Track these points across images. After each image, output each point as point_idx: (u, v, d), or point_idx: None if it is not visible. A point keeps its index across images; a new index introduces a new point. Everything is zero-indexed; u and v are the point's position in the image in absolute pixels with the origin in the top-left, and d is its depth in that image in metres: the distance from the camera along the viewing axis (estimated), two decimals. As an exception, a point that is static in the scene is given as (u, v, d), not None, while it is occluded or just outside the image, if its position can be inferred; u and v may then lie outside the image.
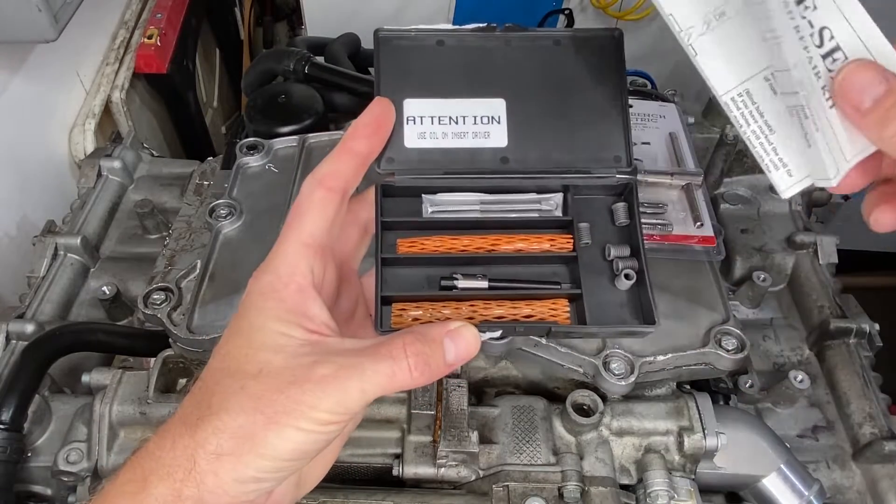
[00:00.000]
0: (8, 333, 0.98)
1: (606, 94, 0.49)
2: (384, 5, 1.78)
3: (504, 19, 0.51)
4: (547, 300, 0.47)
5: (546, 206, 0.50)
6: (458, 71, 0.49)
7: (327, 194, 0.43)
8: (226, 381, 0.39)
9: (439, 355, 0.41)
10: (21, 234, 1.27)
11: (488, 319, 0.46)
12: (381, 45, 0.49)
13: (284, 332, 0.40)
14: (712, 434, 0.78)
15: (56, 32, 1.08)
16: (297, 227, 0.43)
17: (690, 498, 0.77)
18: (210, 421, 0.38)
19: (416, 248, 0.49)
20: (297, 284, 0.41)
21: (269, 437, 0.37)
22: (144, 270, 1.07)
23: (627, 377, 0.75)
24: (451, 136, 0.48)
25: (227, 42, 2.14)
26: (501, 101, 0.49)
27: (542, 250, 0.49)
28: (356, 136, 0.45)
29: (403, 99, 0.48)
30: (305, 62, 1.25)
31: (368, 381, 0.38)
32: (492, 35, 0.50)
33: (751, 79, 0.40)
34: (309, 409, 0.37)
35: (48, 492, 0.86)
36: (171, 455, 0.38)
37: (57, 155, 1.39)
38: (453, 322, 0.42)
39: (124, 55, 1.56)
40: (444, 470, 0.77)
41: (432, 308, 0.46)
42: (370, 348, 0.40)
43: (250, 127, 1.15)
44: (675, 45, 0.44)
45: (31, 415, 0.83)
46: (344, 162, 0.44)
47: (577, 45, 0.49)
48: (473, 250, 0.48)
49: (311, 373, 0.38)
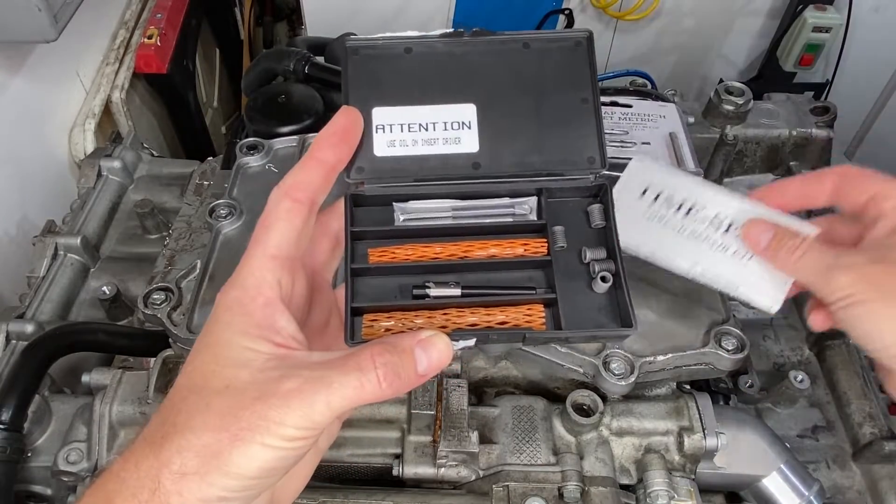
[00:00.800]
0: (8, 333, 0.98)
1: (578, 96, 0.49)
2: (384, 5, 1.78)
3: (504, 19, 0.51)
4: (522, 306, 0.46)
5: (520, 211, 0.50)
6: (427, 78, 0.48)
7: (294, 205, 0.42)
8: (191, 398, 0.38)
9: (410, 366, 0.40)
10: (21, 234, 1.27)
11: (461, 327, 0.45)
12: (349, 54, 0.48)
13: (251, 346, 0.39)
14: (712, 434, 0.78)
15: (56, 32, 1.08)
16: (264, 239, 0.41)
17: (690, 498, 0.77)
18: (174, 439, 0.37)
19: (387, 258, 0.48)
20: (265, 298, 0.40)
21: (234, 455, 0.36)
22: (144, 270, 1.07)
23: (627, 377, 0.75)
24: (422, 142, 0.47)
25: (227, 42, 2.14)
26: (472, 106, 0.48)
27: (515, 255, 0.48)
28: (322, 145, 0.44)
29: (372, 107, 0.47)
30: (305, 62, 1.25)
31: (335, 394, 0.37)
32: (460, 40, 0.49)
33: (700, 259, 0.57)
34: (275, 426, 0.36)
35: (48, 492, 0.86)
36: (135, 476, 0.37)
37: (57, 155, 1.39)
38: (424, 331, 0.41)
39: (124, 55, 1.56)
40: (444, 470, 0.77)
41: (404, 318, 0.45)
42: (338, 360, 0.39)
43: (250, 127, 1.15)
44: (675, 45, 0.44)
45: (31, 415, 0.83)
46: (310, 172, 0.43)
47: (547, 48, 0.49)
48: (446, 257, 0.48)
49: (277, 387, 0.37)
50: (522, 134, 0.48)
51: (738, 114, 1.11)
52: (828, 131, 1.14)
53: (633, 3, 1.78)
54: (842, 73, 1.88)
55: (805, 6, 1.77)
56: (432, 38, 0.49)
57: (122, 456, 0.38)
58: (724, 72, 2.00)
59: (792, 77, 1.93)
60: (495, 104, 0.48)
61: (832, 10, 1.77)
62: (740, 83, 1.14)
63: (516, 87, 0.49)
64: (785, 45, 1.84)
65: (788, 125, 1.14)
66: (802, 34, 1.78)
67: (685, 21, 1.89)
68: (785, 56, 1.85)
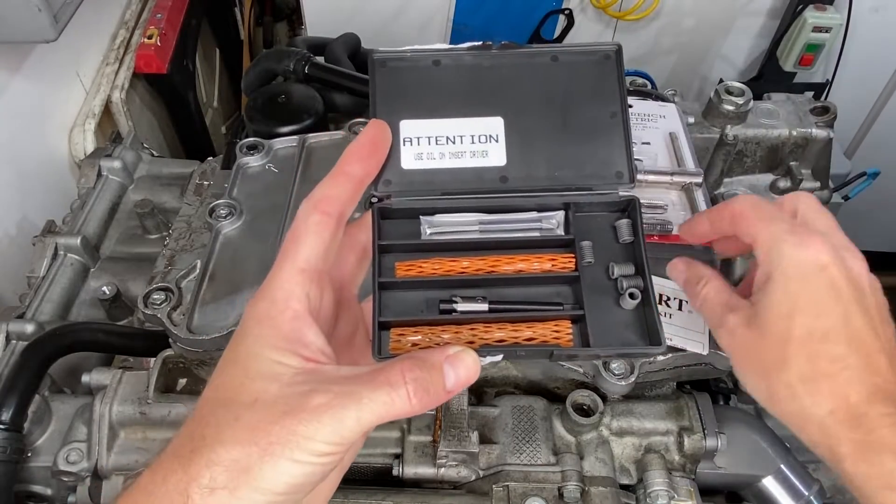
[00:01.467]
0: (8, 333, 0.98)
1: (606, 110, 0.48)
2: (384, 5, 1.78)
3: (503, 19, 0.51)
4: (549, 322, 0.46)
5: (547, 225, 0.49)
6: (455, 90, 0.48)
7: (323, 218, 0.42)
8: (220, 412, 0.38)
9: (439, 381, 0.39)
10: (21, 234, 1.27)
11: (489, 343, 0.45)
12: (376, 67, 0.48)
13: (280, 360, 0.39)
14: (712, 434, 0.78)
15: (56, 32, 1.08)
16: (293, 252, 0.41)
17: (690, 498, 0.77)
18: (203, 453, 0.37)
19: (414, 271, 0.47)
20: (293, 311, 0.40)
21: (265, 470, 0.36)
22: (144, 270, 1.07)
23: (627, 377, 0.75)
24: (449, 156, 0.47)
25: (227, 42, 2.14)
26: (499, 120, 0.48)
27: (543, 270, 0.47)
28: (351, 159, 0.44)
29: (399, 120, 0.47)
30: (305, 62, 1.25)
31: (365, 410, 0.37)
32: (488, 53, 0.48)
33: None
34: (304, 440, 0.36)
35: (48, 492, 0.86)
36: (163, 489, 0.36)
37: (57, 155, 1.39)
38: (453, 347, 0.41)
39: (124, 55, 1.56)
40: (444, 470, 0.77)
41: (431, 332, 0.45)
42: (367, 375, 0.38)
43: (250, 127, 1.15)
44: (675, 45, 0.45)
45: (31, 415, 0.83)
46: (339, 186, 0.43)
47: (576, 61, 0.49)
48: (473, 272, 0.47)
49: (306, 402, 0.37)
50: (550, 148, 0.48)
51: (738, 114, 1.11)
52: (828, 131, 1.14)
53: (633, 3, 1.78)
54: (842, 73, 1.88)
55: (805, 6, 1.77)
56: (460, 51, 0.48)
57: (150, 469, 0.38)
58: (724, 72, 2.00)
59: (792, 77, 1.92)
60: (523, 117, 0.48)
61: (832, 10, 1.77)
62: (740, 83, 1.13)
63: (544, 100, 0.48)
64: (785, 45, 1.84)
65: (788, 125, 1.14)
66: (802, 34, 1.77)
67: (685, 21, 1.89)
68: (785, 56, 1.85)
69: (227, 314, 0.82)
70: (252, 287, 0.84)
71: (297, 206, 0.93)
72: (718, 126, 1.13)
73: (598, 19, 1.88)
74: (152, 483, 0.37)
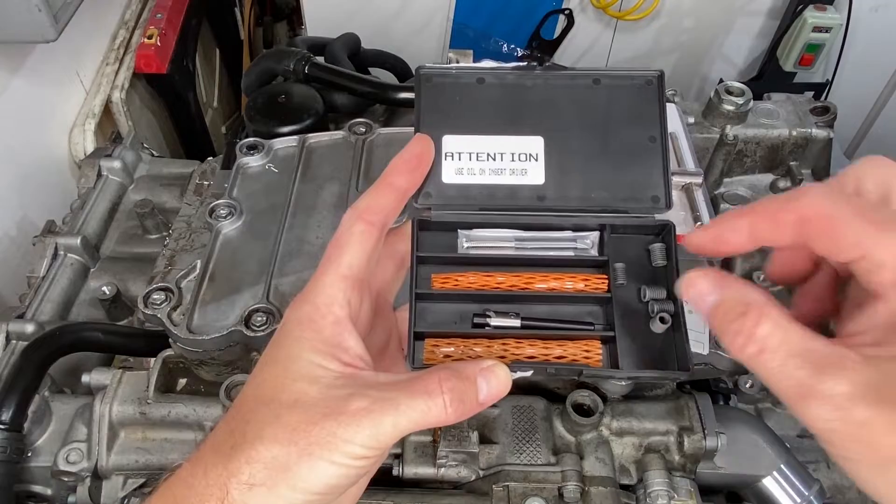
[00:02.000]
0: (8, 333, 0.98)
1: (646, 134, 0.49)
2: (384, 5, 1.78)
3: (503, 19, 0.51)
4: (580, 341, 0.47)
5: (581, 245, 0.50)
6: (497, 108, 0.49)
7: (367, 228, 0.43)
8: (261, 410, 0.39)
9: (473, 393, 0.40)
10: (21, 234, 1.27)
11: (519, 359, 0.45)
12: (422, 82, 0.49)
13: (320, 363, 0.40)
14: (712, 434, 0.78)
15: (56, 32, 1.08)
16: (337, 259, 0.42)
17: (690, 498, 0.77)
18: (244, 450, 0.38)
19: (450, 284, 0.48)
20: (335, 316, 0.41)
21: (303, 470, 0.37)
22: (144, 270, 1.07)
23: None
24: (489, 172, 0.48)
25: (227, 42, 2.14)
26: (539, 139, 0.49)
27: (576, 290, 0.48)
28: (397, 171, 0.45)
29: (442, 135, 0.48)
30: (305, 62, 1.25)
31: (403, 416, 0.38)
32: (531, 74, 0.50)
33: None
34: (343, 443, 0.37)
35: (48, 492, 0.86)
36: (203, 483, 0.38)
37: (57, 155, 1.39)
38: (486, 360, 0.42)
39: (124, 55, 1.56)
40: (444, 470, 0.77)
41: (464, 345, 0.46)
42: (405, 383, 0.40)
43: (250, 127, 1.15)
44: (675, 45, 0.45)
45: (31, 415, 0.83)
46: (384, 196, 0.44)
47: (617, 84, 0.49)
48: (507, 288, 0.48)
49: (346, 406, 0.38)
50: (588, 169, 0.49)
51: (738, 114, 1.11)
52: (828, 131, 1.14)
53: (633, 3, 1.78)
54: (842, 73, 1.88)
55: (805, 6, 1.77)
56: (504, 70, 0.50)
57: (190, 462, 0.39)
58: (724, 72, 2.00)
59: (792, 77, 1.92)
60: (563, 138, 0.49)
61: (832, 10, 1.77)
62: (740, 83, 1.14)
63: (584, 122, 0.49)
64: (785, 45, 1.84)
65: (788, 125, 1.14)
66: (802, 34, 1.77)
67: (685, 21, 1.89)
68: (785, 56, 1.85)
69: (227, 314, 0.82)
70: (252, 287, 0.84)
71: (297, 205, 0.93)
72: (718, 126, 1.13)
73: (599, 19, 1.88)
74: (192, 476, 0.38)
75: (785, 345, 0.34)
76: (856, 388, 0.32)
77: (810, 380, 0.33)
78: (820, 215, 0.35)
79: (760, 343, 0.35)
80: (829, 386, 0.32)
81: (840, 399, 0.32)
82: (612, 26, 1.90)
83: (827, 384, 0.32)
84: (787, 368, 0.34)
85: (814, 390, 0.33)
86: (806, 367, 0.33)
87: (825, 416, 0.33)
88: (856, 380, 0.32)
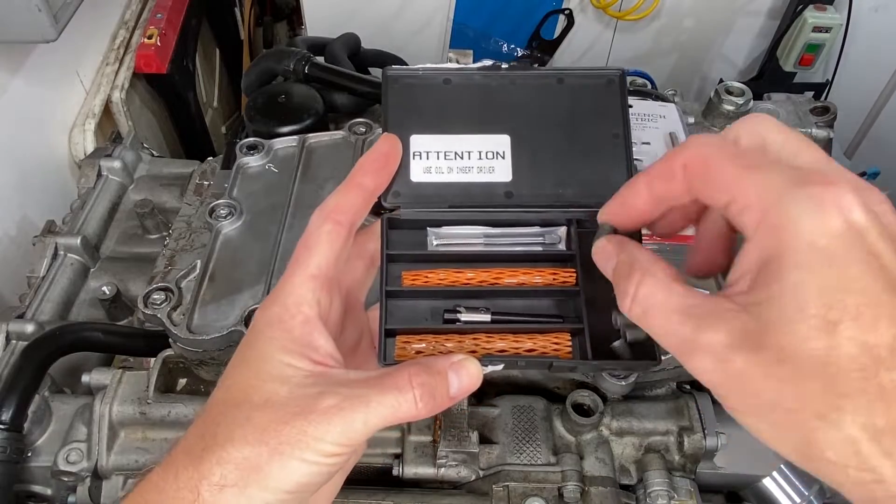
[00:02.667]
0: (8, 333, 0.98)
1: (609, 131, 0.50)
2: (384, 5, 1.78)
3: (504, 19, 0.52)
4: (549, 334, 0.47)
5: (549, 240, 0.51)
6: (464, 108, 0.50)
7: (335, 227, 0.43)
8: (231, 412, 0.39)
9: (444, 387, 0.41)
10: (21, 234, 1.27)
11: (490, 353, 0.46)
12: (390, 83, 0.50)
13: (290, 362, 0.40)
14: (712, 434, 0.78)
15: (56, 32, 1.08)
16: (305, 260, 0.42)
17: (690, 498, 0.77)
18: (214, 452, 0.38)
19: (420, 281, 0.49)
20: (304, 316, 0.41)
21: (274, 469, 0.37)
22: (144, 270, 1.07)
23: (627, 377, 0.75)
24: (457, 170, 0.49)
25: (227, 42, 2.14)
26: (506, 138, 0.49)
27: (545, 284, 0.49)
28: (364, 170, 0.45)
29: (410, 135, 0.49)
30: (305, 62, 1.25)
31: (373, 413, 0.38)
32: (497, 73, 0.50)
33: None
34: (314, 441, 0.37)
35: (48, 492, 0.86)
36: (174, 486, 0.38)
37: (57, 155, 1.39)
38: (457, 355, 0.42)
39: (124, 55, 1.56)
40: (444, 470, 0.77)
41: (435, 341, 0.46)
42: (375, 379, 0.40)
43: (250, 127, 1.15)
44: (675, 45, 0.45)
45: (31, 415, 0.83)
46: (352, 196, 0.44)
47: (580, 84, 0.50)
48: (477, 283, 0.49)
49: (316, 404, 0.38)
50: (554, 166, 0.50)
51: (738, 114, 1.11)
52: (828, 131, 1.14)
53: (633, 3, 1.78)
54: (842, 73, 1.88)
55: (805, 6, 1.77)
56: (470, 71, 0.50)
57: (160, 466, 0.39)
58: (724, 72, 2.00)
59: (792, 77, 1.92)
60: (529, 136, 0.50)
61: (832, 10, 1.77)
62: (740, 83, 1.14)
63: (550, 120, 0.50)
64: (785, 45, 1.84)
65: (788, 125, 1.14)
66: (802, 34, 1.77)
67: (685, 21, 1.89)
68: (785, 56, 1.85)
69: (227, 314, 0.82)
70: (252, 287, 0.84)
71: (297, 205, 0.93)
72: (718, 126, 1.13)
73: (599, 19, 1.88)
74: (163, 480, 0.38)
75: (666, 303, 0.35)
76: (733, 337, 0.32)
77: (692, 334, 0.33)
78: (697, 158, 0.36)
79: (643, 303, 0.36)
80: (707, 337, 0.33)
81: (718, 349, 0.32)
82: (612, 26, 1.90)
83: (705, 336, 0.33)
84: (670, 325, 0.35)
85: (695, 344, 0.33)
86: (687, 323, 0.34)
87: (708, 367, 0.33)
88: (732, 329, 0.32)
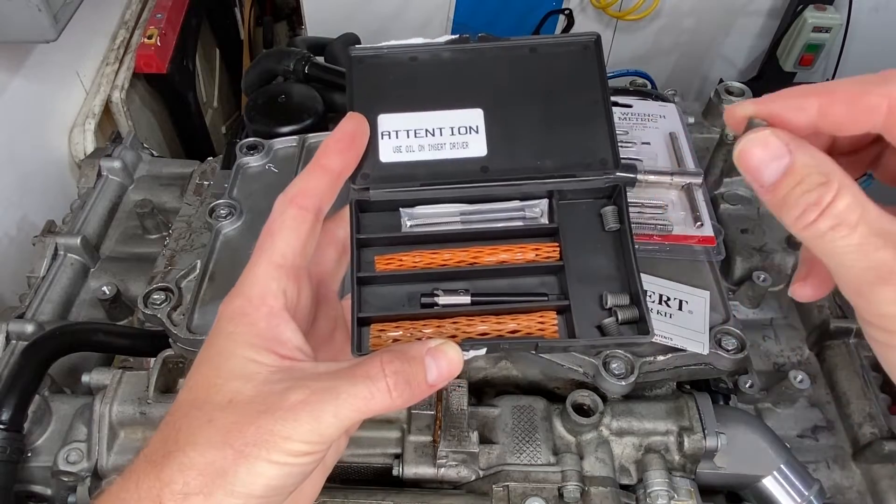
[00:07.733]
0: (8, 333, 0.98)
1: (588, 98, 0.48)
2: (384, 5, 1.78)
3: (504, 19, 0.51)
4: (534, 313, 0.45)
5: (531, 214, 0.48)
6: (433, 84, 0.48)
7: (299, 213, 0.41)
8: (193, 414, 0.37)
9: (420, 374, 0.38)
10: (21, 234, 1.27)
11: (472, 336, 0.44)
12: (354, 64, 0.48)
13: (255, 358, 0.38)
14: (712, 434, 0.78)
15: (56, 32, 1.08)
16: (269, 247, 0.40)
17: (690, 498, 0.77)
18: (176, 457, 0.35)
19: (394, 265, 0.47)
20: (269, 307, 0.39)
21: (240, 473, 0.34)
22: (144, 270, 1.07)
23: (627, 377, 0.75)
24: (428, 148, 0.47)
25: (227, 42, 2.14)
26: (479, 111, 0.47)
27: (527, 260, 0.47)
28: (328, 152, 0.43)
29: (377, 115, 0.47)
30: (305, 62, 1.25)
31: (344, 405, 0.36)
32: (465, 47, 0.48)
33: None
34: (282, 440, 0.35)
35: (48, 492, 0.86)
36: (135, 496, 0.35)
37: (57, 155, 1.39)
38: (435, 340, 0.40)
39: (124, 55, 1.56)
40: (444, 470, 0.77)
41: (413, 327, 0.44)
42: (346, 370, 0.37)
43: (250, 127, 1.15)
44: (675, 45, 0.45)
45: (31, 415, 0.83)
46: (316, 179, 0.42)
47: (554, 52, 0.48)
48: (454, 264, 0.47)
49: (282, 400, 0.36)
50: (532, 137, 0.47)
51: (738, 114, 1.11)
52: (828, 131, 1.14)
53: (633, 3, 1.78)
54: (842, 73, 1.88)
55: (805, 6, 1.77)
56: (437, 46, 0.48)
57: (123, 475, 0.37)
58: (724, 72, 2.00)
59: (792, 77, 1.92)
60: (503, 108, 0.47)
61: (832, 10, 1.77)
62: (740, 83, 1.14)
63: (524, 91, 0.48)
64: (785, 45, 1.84)
65: (788, 125, 1.14)
66: (802, 34, 1.78)
67: (685, 21, 1.89)
68: (785, 56, 1.85)
69: (227, 314, 0.82)
70: (252, 287, 0.84)
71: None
72: (718, 126, 1.13)
73: (599, 19, 1.88)
74: (124, 490, 0.36)
75: (865, 223, 0.31)
76: None
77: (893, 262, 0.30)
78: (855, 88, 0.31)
79: (840, 216, 0.31)
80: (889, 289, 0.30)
81: None
82: (612, 26, 1.90)
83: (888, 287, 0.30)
84: (865, 248, 0.31)
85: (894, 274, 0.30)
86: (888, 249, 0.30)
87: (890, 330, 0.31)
88: None
